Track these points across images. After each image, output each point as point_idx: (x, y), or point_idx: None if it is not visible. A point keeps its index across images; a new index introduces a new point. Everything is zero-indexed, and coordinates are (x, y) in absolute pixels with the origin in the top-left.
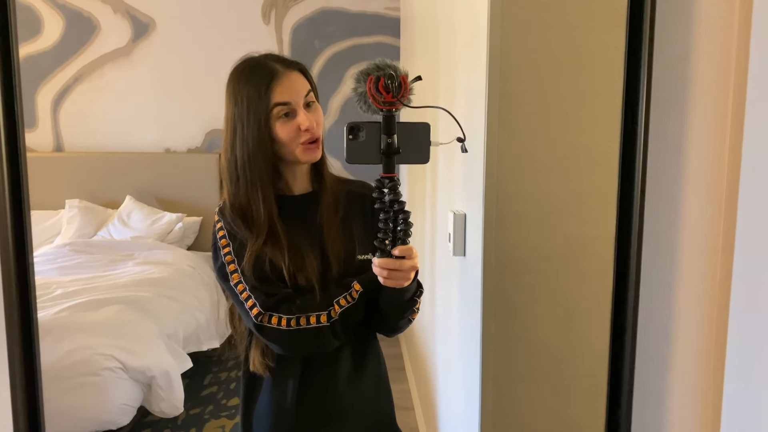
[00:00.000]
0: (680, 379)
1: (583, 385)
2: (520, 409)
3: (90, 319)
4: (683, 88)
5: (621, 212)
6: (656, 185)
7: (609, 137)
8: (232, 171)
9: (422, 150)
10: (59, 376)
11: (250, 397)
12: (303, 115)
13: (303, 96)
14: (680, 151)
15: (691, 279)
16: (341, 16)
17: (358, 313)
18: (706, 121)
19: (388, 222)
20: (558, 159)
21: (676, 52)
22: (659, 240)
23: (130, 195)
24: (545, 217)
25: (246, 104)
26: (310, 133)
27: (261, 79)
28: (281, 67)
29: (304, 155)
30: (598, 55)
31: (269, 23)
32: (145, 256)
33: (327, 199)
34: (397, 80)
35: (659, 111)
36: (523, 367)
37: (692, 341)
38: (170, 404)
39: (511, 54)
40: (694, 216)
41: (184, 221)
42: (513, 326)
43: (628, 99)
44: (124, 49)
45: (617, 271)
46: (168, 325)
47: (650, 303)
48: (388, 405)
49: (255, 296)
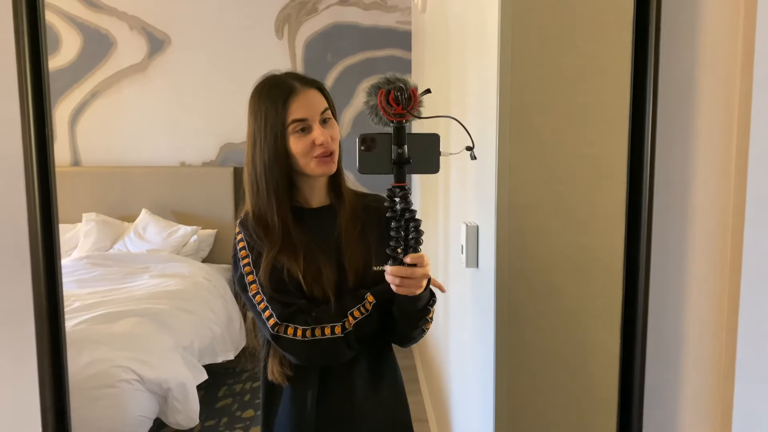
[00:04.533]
0: (691, 386)
1: (598, 395)
2: (536, 421)
3: (107, 331)
4: (690, 99)
5: (629, 221)
6: (664, 194)
7: (620, 147)
8: (252, 182)
9: (432, 160)
10: (77, 389)
11: (270, 406)
12: (318, 130)
13: (319, 113)
14: (687, 159)
15: (701, 287)
16: (353, 30)
17: (372, 324)
18: (712, 130)
19: (399, 230)
20: (569, 170)
21: (683, 63)
22: (668, 248)
23: (145, 208)
24: (557, 229)
25: (264, 119)
26: (324, 147)
27: (279, 96)
28: (299, 84)
29: (318, 168)
30: (607, 66)
31: (282, 38)
32: (161, 268)
33: (345, 213)
34: (406, 93)
35: (666, 121)
36: (537, 378)
37: (702, 349)
38: (186, 416)
39: (521, 66)
40: (703, 223)
41: (199, 234)
42: (527, 337)
43: (635, 110)
44: (140, 65)
45: (627, 279)
46: (184, 337)
47: (660, 311)
48: (405, 413)
49: (272, 307)
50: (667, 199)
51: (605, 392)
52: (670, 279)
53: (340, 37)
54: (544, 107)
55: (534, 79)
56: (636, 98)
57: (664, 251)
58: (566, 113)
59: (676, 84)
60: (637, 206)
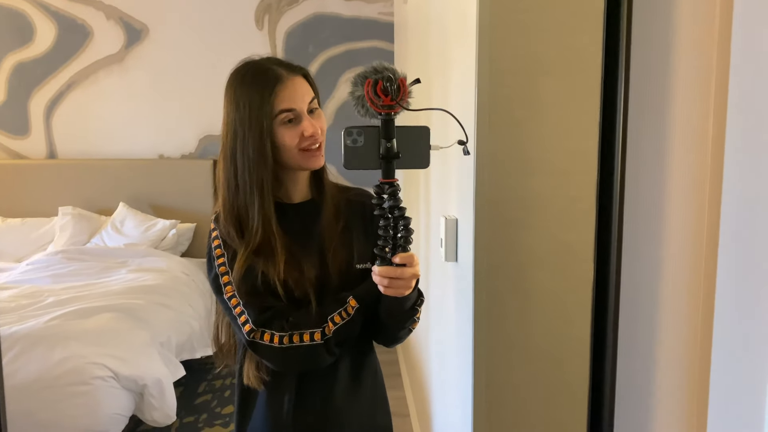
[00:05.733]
0: (664, 378)
1: (577, 389)
2: (514, 415)
3: (82, 327)
4: (663, 90)
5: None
6: (636, 187)
7: (596, 141)
8: (230, 177)
9: (422, 154)
10: (50, 386)
11: (245, 410)
12: (307, 122)
13: (307, 102)
14: (660, 152)
15: (675, 278)
16: (335, 21)
17: (354, 329)
18: (687, 122)
19: (388, 229)
20: (549, 163)
21: (655, 53)
22: (641, 241)
23: (123, 202)
24: (536, 222)
25: (248, 109)
26: (314, 139)
27: (265, 84)
28: (285, 71)
29: (307, 162)
30: (584, 58)
31: (263, 28)
32: (139, 263)
33: (328, 209)
34: (395, 83)
35: (638, 113)
36: (516, 371)
37: (676, 340)
38: (163, 413)
39: (500, 58)
40: (677, 215)
41: (178, 228)
42: (505, 331)
43: (606, 102)
44: (118, 55)
45: (598, 271)
46: (161, 333)
47: (633, 303)
48: (385, 417)
49: (248, 311)
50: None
51: (581, 385)
52: (643, 270)
53: (321, 28)
54: (524, 100)
55: (513, 72)
56: (606, 89)
57: (635, 245)
58: (546, 106)
59: (650, 72)
60: (609, 199)
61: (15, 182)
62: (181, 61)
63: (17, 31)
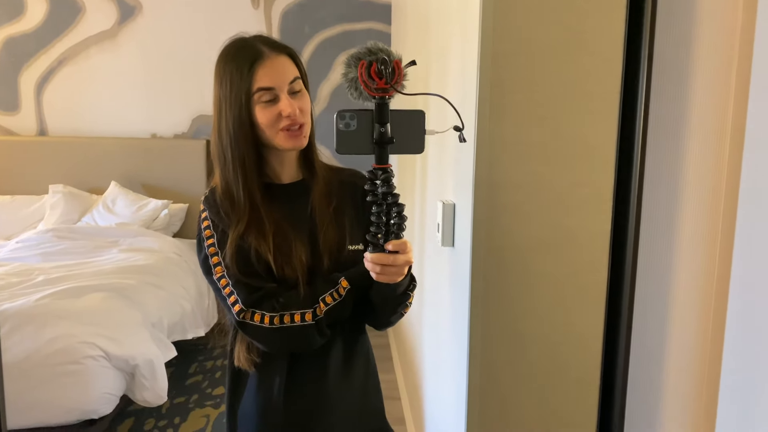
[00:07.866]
0: (675, 372)
1: (572, 375)
2: (508, 400)
3: (72, 306)
4: (684, 77)
5: (617, 203)
6: (655, 177)
7: (602, 126)
8: (219, 153)
9: (417, 139)
10: (40, 365)
11: (236, 392)
12: (285, 101)
13: (288, 82)
14: (679, 141)
15: (689, 270)
16: (331, 1)
17: (345, 310)
18: (707, 111)
19: (380, 215)
20: (550, 148)
21: (677, 39)
22: (657, 231)
23: (115, 181)
24: (536, 208)
25: (229, 85)
26: (291, 119)
27: (244, 60)
28: (268, 49)
29: (285, 142)
30: (594, 42)
31: (258, 7)
32: (130, 243)
33: (319, 189)
34: (390, 65)
35: (658, 101)
36: (511, 357)
37: (688, 333)
38: (154, 393)
39: (503, 40)
40: (694, 209)
41: (170, 208)
42: (502, 317)
43: (627, 88)
44: (110, 31)
45: (613, 262)
46: (152, 313)
47: (647, 293)
48: (377, 400)
49: (237, 292)
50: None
51: (580, 371)
52: (658, 263)
53: (317, 9)
54: (526, 83)
55: (516, 54)
56: (627, 75)
57: (652, 234)
58: (549, 90)
59: (670, 60)
60: (627, 188)
61: (5, 159)
62: (174, 39)
63: (7, 4)
